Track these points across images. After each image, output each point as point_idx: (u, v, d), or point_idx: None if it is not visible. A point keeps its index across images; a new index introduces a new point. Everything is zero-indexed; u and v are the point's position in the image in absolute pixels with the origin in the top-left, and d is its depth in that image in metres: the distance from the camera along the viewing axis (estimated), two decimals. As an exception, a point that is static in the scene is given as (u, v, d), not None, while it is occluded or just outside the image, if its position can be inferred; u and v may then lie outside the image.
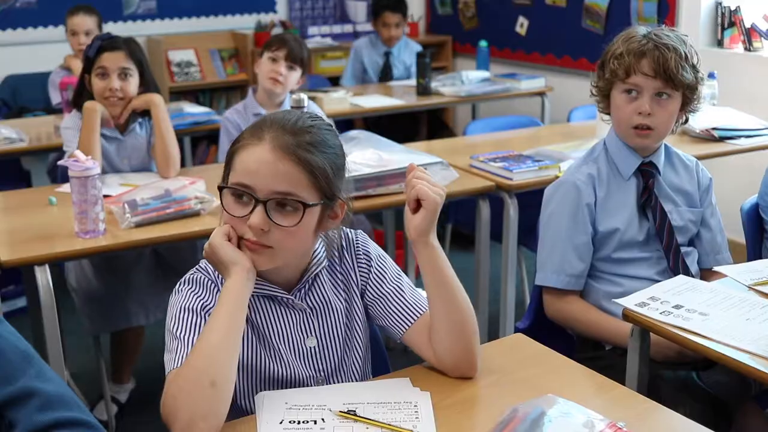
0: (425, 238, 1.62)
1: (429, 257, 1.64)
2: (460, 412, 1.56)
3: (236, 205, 1.56)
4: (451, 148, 3.63)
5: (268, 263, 1.59)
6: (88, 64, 3.14)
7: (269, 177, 1.52)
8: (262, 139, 1.54)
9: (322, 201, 1.57)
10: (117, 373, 3.38)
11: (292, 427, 1.47)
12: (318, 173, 1.54)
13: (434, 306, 1.65)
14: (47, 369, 1.38)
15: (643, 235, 2.35)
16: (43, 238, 2.58)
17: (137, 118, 3.27)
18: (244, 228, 1.55)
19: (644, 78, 2.24)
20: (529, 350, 1.81)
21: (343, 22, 6.87)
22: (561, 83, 5.47)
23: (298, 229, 1.55)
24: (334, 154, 1.59)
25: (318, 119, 1.62)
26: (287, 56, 3.64)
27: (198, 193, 2.77)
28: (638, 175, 2.37)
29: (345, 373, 1.71)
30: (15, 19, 5.80)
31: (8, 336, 1.39)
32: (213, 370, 1.45)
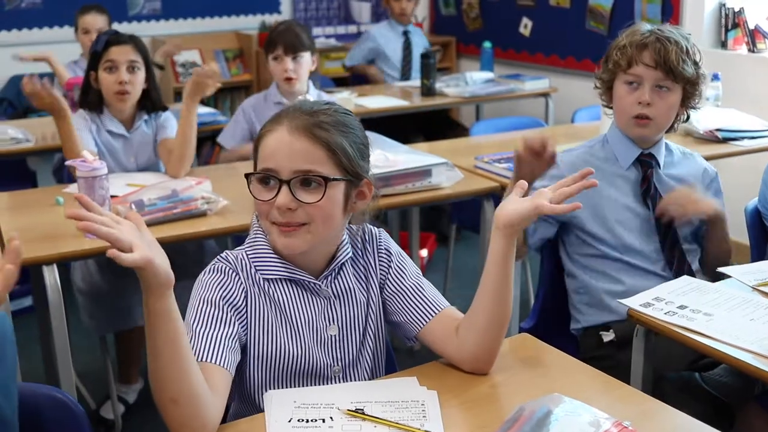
0: (513, 231, 1.64)
1: (506, 248, 1.64)
2: (467, 411, 1.57)
3: (263, 190, 1.61)
4: (455, 149, 3.64)
5: (304, 244, 1.62)
6: (94, 59, 3.16)
7: (288, 157, 1.58)
8: (280, 123, 1.61)
9: (345, 177, 1.62)
10: (124, 373, 3.39)
11: (301, 426, 1.49)
12: (337, 150, 1.60)
13: (485, 296, 1.67)
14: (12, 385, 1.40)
15: (641, 225, 2.38)
16: (50, 238, 2.60)
17: (143, 115, 3.29)
18: (273, 211, 1.59)
19: (645, 68, 2.32)
20: (535, 350, 1.83)
21: (348, 22, 6.89)
22: (565, 84, 5.48)
23: (326, 204, 1.59)
24: (353, 134, 1.64)
25: (335, 104, 1.68)
26: (286, 50, 3.66)
27: (205, 193, 2.78)
28: (637, 166, 2.42)
29: (361, 366, 1.74)
30: (20, 20, 5.83)
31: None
32: (167, 390, 1.44)
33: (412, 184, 2.94)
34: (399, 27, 5.68)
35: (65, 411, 1.58)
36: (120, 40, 3.14)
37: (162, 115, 3.33)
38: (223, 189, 2.92)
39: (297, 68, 3.68)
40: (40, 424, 1.56)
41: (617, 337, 2.29)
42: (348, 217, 1.70)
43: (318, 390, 1.63)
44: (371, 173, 1.70)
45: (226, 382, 1.55)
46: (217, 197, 2.77)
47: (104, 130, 3.23)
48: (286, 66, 3.66)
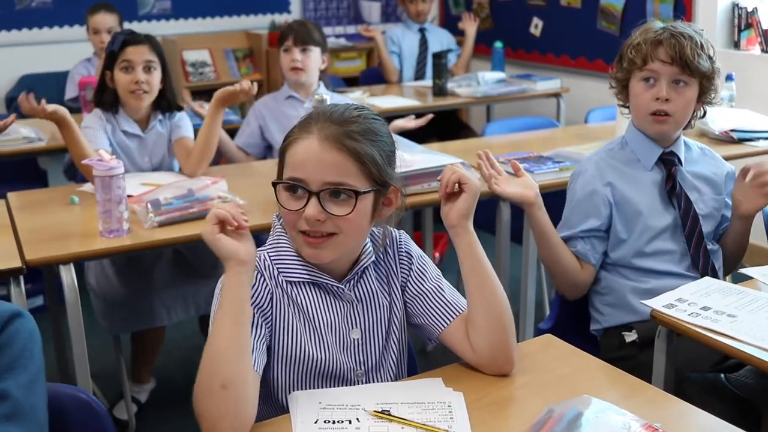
0: (465, 222, 1.66)
1: (468, 244, 1.67)
2: (494, 412, 1.56)
3: (291, 199, 1.59)
4: (470, 149, 3.62)
5: (331, 254, 1.61)
6: (110, 59, 3.15)
7: (319, 168, 1.55)
8: (310, 132, 1.58)
9: (374, 188, 1.60)
10: (136, 372, 3.38)
11: (327, 427, 1.48)
12: (367, 161, 1.57)
13: (472, 294, 1.67)
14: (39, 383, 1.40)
15: (668, 225, 2.37)
16: (66, 238, 2.59)
17: (158, 115, 3.28)
18: (302, 221, 1.57)
19: (661, 64, 2.31)
20: (559, 351, 1.81)
21: (357, 22, 6.88)
22: (576, 84, 5.47)
23: (355, 216, 1.58)
24: (382, 142, 1.62)
25: (365, 109, 1.65)
26: (296, 41, 3.68)
27: (221, 192, 2.77)
28: (660, 165, 2.41)
29: (384, 369, 1.72)
30: (31, 19, 5.83)
31: (23, 333, 1.41)
32: (221, 374, 1.46)
33: (428, 184, 2.92)
34: (415, 26, 5.66)
35: (88, 411, 1.58)
36: (136, 40, 3.14)
37: (176, 115, 3.32)
38: (238, 188, 2.91)
39: (305, 60, 3.69)
40: (63, 424, 1.55)
41: (640, 338, 2.27)
42: (374, 224, 1.69)
43: (343, 391, 1.62)
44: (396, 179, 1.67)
45: (257, 383, 1.54)
46: (233, 197, 2.76)
47: (119, 130, 3.22)
48: (294, 56, 3.68)
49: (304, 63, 3.69)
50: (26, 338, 1.40)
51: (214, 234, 1.51)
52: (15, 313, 1.41)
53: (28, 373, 1.38)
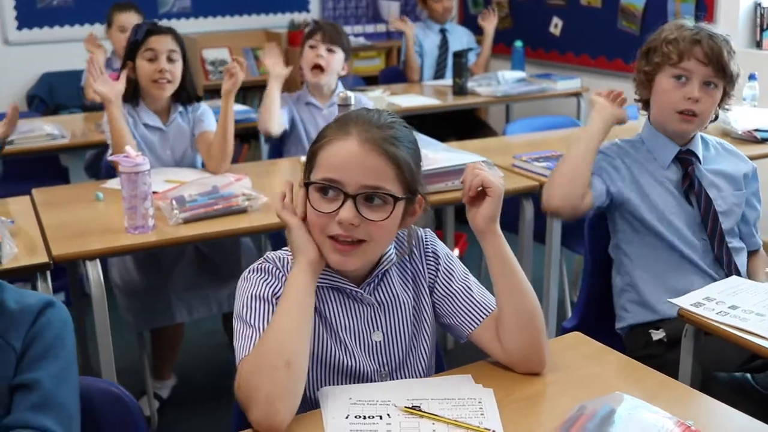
0: (492, 226, 1.64)
1: (497, 246, 1.65)
2: (525, 409, 1.56)
3: (323, 201, 1.56)
4: (492, 148, 3.62)
5: (359, 262, 1.61)
6: (133, 49, 3.17)
7: (358, 171, 1.53)
8: (348, 134, 1.55)
9: (407, 195, 1.59)
10: (158, 369, 3.40)
11: (358, 422, 1.48)
12: (404, 167, 1.56)
13: (502, 297, 1.65)
14: (70, 373, 1.41)
15: (688, 224, 2.36)
16: (91, 234, 2.60)
17: (179, 107, 3.30)
18: (332, 225, 1.55)
19: (697, 64, 2.30)
20: (588, 348, 1.81)
21: (376, 21, 6.89)
22: (596, 84, 5.44)
23: (389, 223, 1.56)
24: (414, 150, 1.61)
25: (396, 117, 1.64)
26: (324, 38, 3.65)
27: (245, 189, 2.78)
28: (677, 163, 2.41)
29: (409, 369, 1.71)
30: (52, 18, 5.87)
31: (55, 322, 1.42)
32: (287, 351, 1.47)
33: (452, 182, 2.92)
34: (435, 26, 5.66)
35: (119, 404, 1.59)
36: (160, 30, 3.16)
37: (198, 109, 3.35)
38: (262, 186, 2.92)
39: (329, 59, 3.66)
40: (95, 417, 1.56)
41: (667, 336, 2.27)
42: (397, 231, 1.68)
43: (372, 387, 1.62)
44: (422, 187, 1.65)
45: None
46: (258, 194, 2.76)
47: (140, 124, 3.24)
48: (319, 52, 3.65)
49: (327, 61, 3.66)
50: (58, 328, 1.41)
51: (298, 221, 1.58)
52: (47, 302, 1.43)
53: (59, 363, 1.39)
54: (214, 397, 3.39)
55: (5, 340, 1.37)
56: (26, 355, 1.37)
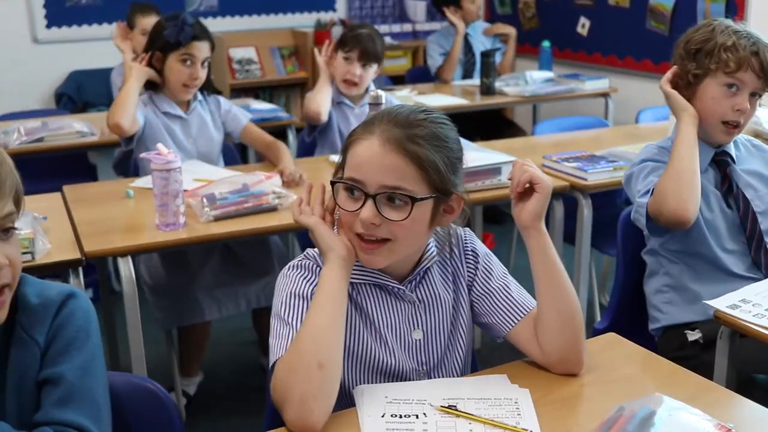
0: (538, 223, 1.63)
1: (541, 244, 1.63)
2: (561, 410, 1.54)
3: (348, 200, 1.56)
4: (521, 148, 3.61)
5: (385, 260, 1.59)
6: (170, 46, 3.17)
7: (377, 171, 1.52)
8: (372, 133, 1.54)
9: (433, 195, 1.56)
10: (185, 366, 3.40)
11: (394, 421, 1.47)
12: (428, 167, 1.53)
13: (544, 295, 1.64)
14: (96, 364, 1.41)
15: (727, 226, 2.33)
16: (123, 231, 2.62)
17: (197, 95, 3.32)
18: (357, 223, 1.55)
19: (752, 76, 2.24)
20: (624, 349, 1.79)
21: (402, 21, 6.88)
22: (623, 84, 5.42)
23: (411, 223, 1.54)
24: (448, 148, 1.57)
25: (432, 113, 1.60)
26: (361, 56, 3.60)
27: (275, 187, 2.78)
28: (714, 166, 2.37)
29: (447, 368, 1.70)
30: (80, 16, 5.90)
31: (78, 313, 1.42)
32: (320, 352, 1.46)
33: (482, 182, 2.92)
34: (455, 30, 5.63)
35: (155, 401, 1.59)
36: (203, 37, 3.18)
37: (224, 106, 3.42)
38: (292, 184, 2.92)
39: (363, 75, 3.64)
40: (131, 413, 1.56)
41: (704, 337, 2.24)
42: (434, 230, 1.67)
43: (408, 386, 1.61)
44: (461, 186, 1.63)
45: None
46: (288, 192, 2.76)
47: (161, 113, 3.25)
48: (354, 71, 3.61)
49: (361, 78, 3.64)
50: (81, 319, 1.41)
51: (316, 220, 1.59)
52: (69, 294, 1.42)
53: (83, 355, 1.38)
54: (241, 394, 3.40)
55: (29, 335, 1.37)
56: (50, 349, 1.37)
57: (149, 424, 1.59)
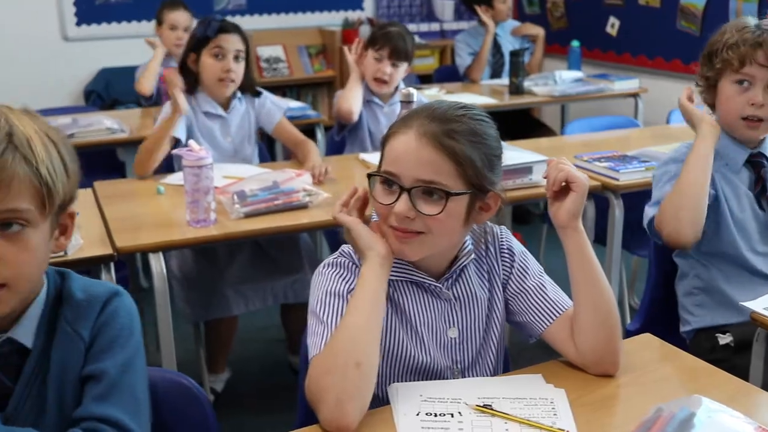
0: (575, 222, 1.62)
1: (578, 243, 1.62)
2: (598, 410, 1.53)
3: (384, 192, 1.57)
4: (551, 147, 3.59)
5: (417, 253, 1.59)
6: (200, 43, 3.19)
7: (413, 164, 1.52)
8: (409, 127, 1.55)
9: (468, 191, 1.55)
10: (212, 362, 3.40)
11: (429, 420, 1.46)
12: (464, 162, 1.52)
13: (580, 294, 1.63)
14: (137, 362, 1.41)
15: (759, 228, 2.31)
16: (154, 227, 2.62)
17: (236, 93, 3.32)
18: (392, 216, 1.55)
19: (759, 68, 2.22)
20: (660, 350, 1.78)
21: (430, 20, 6.87)
22: (653, 85, 5.38)
23: (445, 217, 1.54)
24: (485, 145, 1.56)
25: (472, 109, 1.60)
26: (391, 54, 3.60)
27: (305, 185, 2.78)
28: (748, 167, 2.34)
29: (481, 367, 1.69)
30: (110, 14, 5.94)
31: (122, 312, 1.42)
32: (358, 352, 1.46)
33: (513, 181, 2.90)
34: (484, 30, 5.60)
35: (189, 396, 1.59)
36: (230, 29, 3.18)
37: (259, 101, 3.43)
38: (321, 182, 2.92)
39: (393, 74, 3.65)
40: (164, 408, 1.56)
41: (735, 341, 2.22)
42: (470, 227, 1.66)
43: (443, 384, 1.60)
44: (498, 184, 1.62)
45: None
46: (318, 190, 2.76)
47: (200, 112, 3.26)
48: (385, 69, 3.62)
49: (391, 77, 3.65)
50: (125, 317, 1.41)
51: (354, 219, 1.60)
52: (114, 292, 1.43)
53: (125, 353, 1.38)
54: (269, 391, 3.40)
55: (74, 330, 1.37)
56: (94, 345, 1.37)
57: (183, 420, 1.59)
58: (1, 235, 1.25)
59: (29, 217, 1.26)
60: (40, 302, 1.37)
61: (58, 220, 1.35)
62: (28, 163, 1.25)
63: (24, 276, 1.28)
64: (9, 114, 1.28)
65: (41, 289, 1.38)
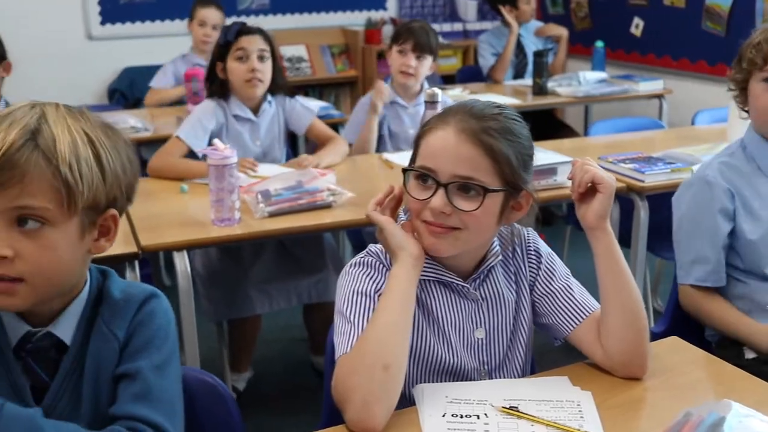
0: (603, 223, 1.61)
1: (607, 244, 1.61)
2: (625, 413, 1.52)
3: (419, 188, 1.57)
4: (576, 149, 3.58)
5: (450, 248, 1.58)
6: (223, 49, 3.20)
7: (451, 160, 1.52)
8: (447, 123, 1.55)
9: (504, 188, 1.55)
10: (235, 361, 3.41)
11: (455, 421, 1.45)
12: (501, 160, 1.53)
13: (608, 297, 1.62)
14: (171, 364, 1.40)
15: None
16: (178, 225, 2.63)
17: (267, 96, 3.33)
18: (426, 211, 1.55)
19: None
20: (687, 353, 1.76)
21: (453, 20, 6.85)
22: (678, 86, 5.33)
23: (481, 214, 1.54)
24: (520, 144, 1.57)
25: (506, 108, 1.60)
26: (415, 47, 3.63)
27: (330, 184, 2.78)
28: None
29: (508, 369, 1.68)
30: (134, 13, 5.96)
31: (159, 313, 1.42)
32: (386, 354, 1.45)
33: (537, 182, 2.85)
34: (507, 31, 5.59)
35: (214, 395, 1.60)
36: (250, 30, 3.20)
37: (289, 104, 3.44)
38: (346, 181, 2.92)
39: (418, 67, 3.66)
40: (190, 406, 1.55)
41: (763, 353, 2.18)
42: (501, 226, 1.65)
43: (468, 386, 1.59)
44: (531, 184, 1.62)
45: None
46: (342, 190, 2.76)
47: (231, 115, 3.27)
48: (409, 62, 3.64)
49: (416, 70, 3.66)
50: (162, 318, 1.42)
51: (388, 218, 1.61)
52: (151, 293, 1.43)
53: (161, 354, 1.39)
54: (291, 391, 3.40)
55: (109, 329, 1.37)
56: (129, 345, 1.37)
57: (208, 418, 1.59)
58: (18, 231, 1.24)
59: (47, 215, 1.24)
60: (82, 300, 1.38)
61: (94, 221, 1.32)
62: (48, 161, 1.23)
63: (43, 273, 1.26)
64: (47, 111, 1.27)
65: (83, 287, 1.39)
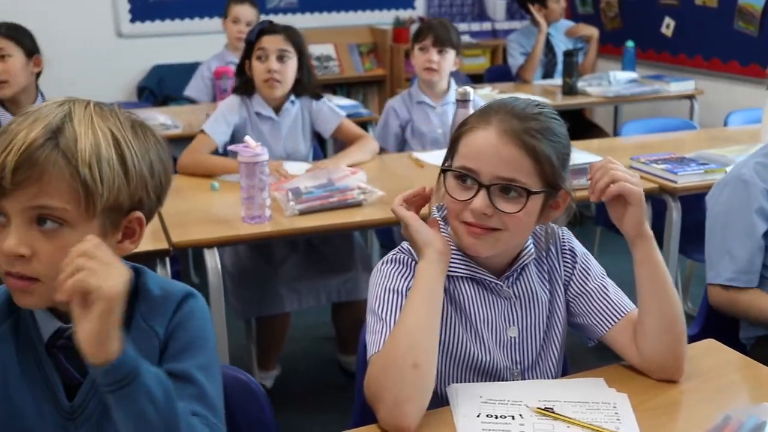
0: (642, 230, 1.59)
1: (647, 251, 1.59)
2: (662, 416, 1.50)
3: (459, 188, 1.55)
4: (607, 149, 3.55)
5: (490, 249, 1.57)
6: (249, 48, 3.22)
7: (494, 161, 1.50)
8: (489, 123, 1.53)
9: (545, 189, 1.54)
10: (263, 359, 3.41)
11: (490, 421, 1.44)
12: (543, 160, 1.51)
13: (647, 300, 1.60)
14: (214, 364, 1.39)
15: None
16: (209, 222, 2.63)
17: (290, 96, 3.32)
18: (466, 212, 1.54)
19: None
20: (723, 356, 1.74)
21: (482, 20, 6.83)
22: (709, 86, 5.28)
23: (523, 215, 1.52)
24: (559, 143, 1.55)
25: (546, 107, 1.58)
26: (435, 42, 3.63)
27: (360, 183, 2.77)
28: None
29: (541, 369, 1.67)
30: (164, 11, 5.99)
31: (197, 313, 1.40)
32: (415, 352, 1.44)
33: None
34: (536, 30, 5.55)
35: (247, 391, 1.60)
36: (271, 30, 3.20)
37: (315, 106, 3.41)
38: (376, 180, 2.91)
39: (440, 61, 3.65)
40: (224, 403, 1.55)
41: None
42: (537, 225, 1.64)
43: (502, 386, 1.58)
44: (568, 182, 1.60)
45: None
46: (373, 188, 2.75)
47: (253, 112, 3.28)
48: (431, 57, 3.64)
49: (439, 65, 3.65)
50: (201, 318, 1.40)
51: (412, 214, 1.58)
52: (189, 292, 1.41)
53: (205, 355, 1.37)
54: (319, 389, 3.39)
55: (149, 325, 1.36)
56: (170, 343, 1.36)
57: (241, 414, 1.59)
58: (38, 230, 1.22)
59: (65, 216, 1.22)
60: None
61: (117, 223, 1.30)
62: (67, 161, 1.20)
63: (58, 275, 1.18)
64: (75, 109, 1.25)
65: None
